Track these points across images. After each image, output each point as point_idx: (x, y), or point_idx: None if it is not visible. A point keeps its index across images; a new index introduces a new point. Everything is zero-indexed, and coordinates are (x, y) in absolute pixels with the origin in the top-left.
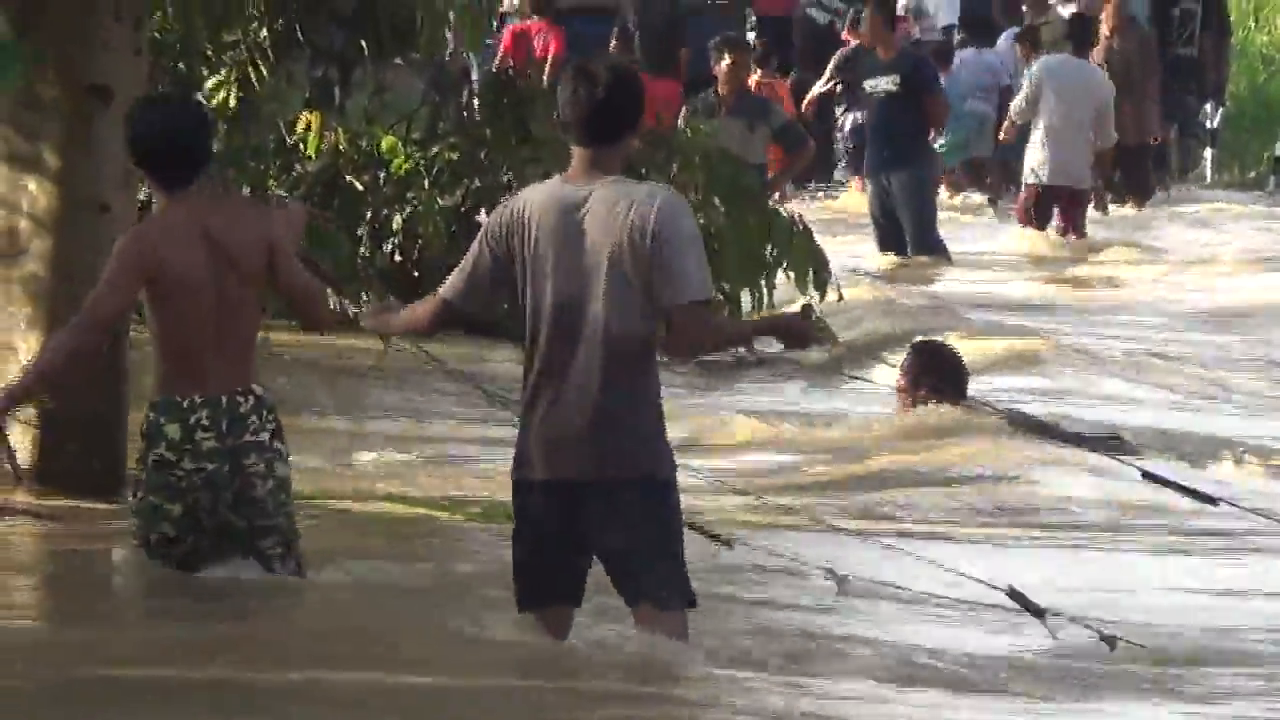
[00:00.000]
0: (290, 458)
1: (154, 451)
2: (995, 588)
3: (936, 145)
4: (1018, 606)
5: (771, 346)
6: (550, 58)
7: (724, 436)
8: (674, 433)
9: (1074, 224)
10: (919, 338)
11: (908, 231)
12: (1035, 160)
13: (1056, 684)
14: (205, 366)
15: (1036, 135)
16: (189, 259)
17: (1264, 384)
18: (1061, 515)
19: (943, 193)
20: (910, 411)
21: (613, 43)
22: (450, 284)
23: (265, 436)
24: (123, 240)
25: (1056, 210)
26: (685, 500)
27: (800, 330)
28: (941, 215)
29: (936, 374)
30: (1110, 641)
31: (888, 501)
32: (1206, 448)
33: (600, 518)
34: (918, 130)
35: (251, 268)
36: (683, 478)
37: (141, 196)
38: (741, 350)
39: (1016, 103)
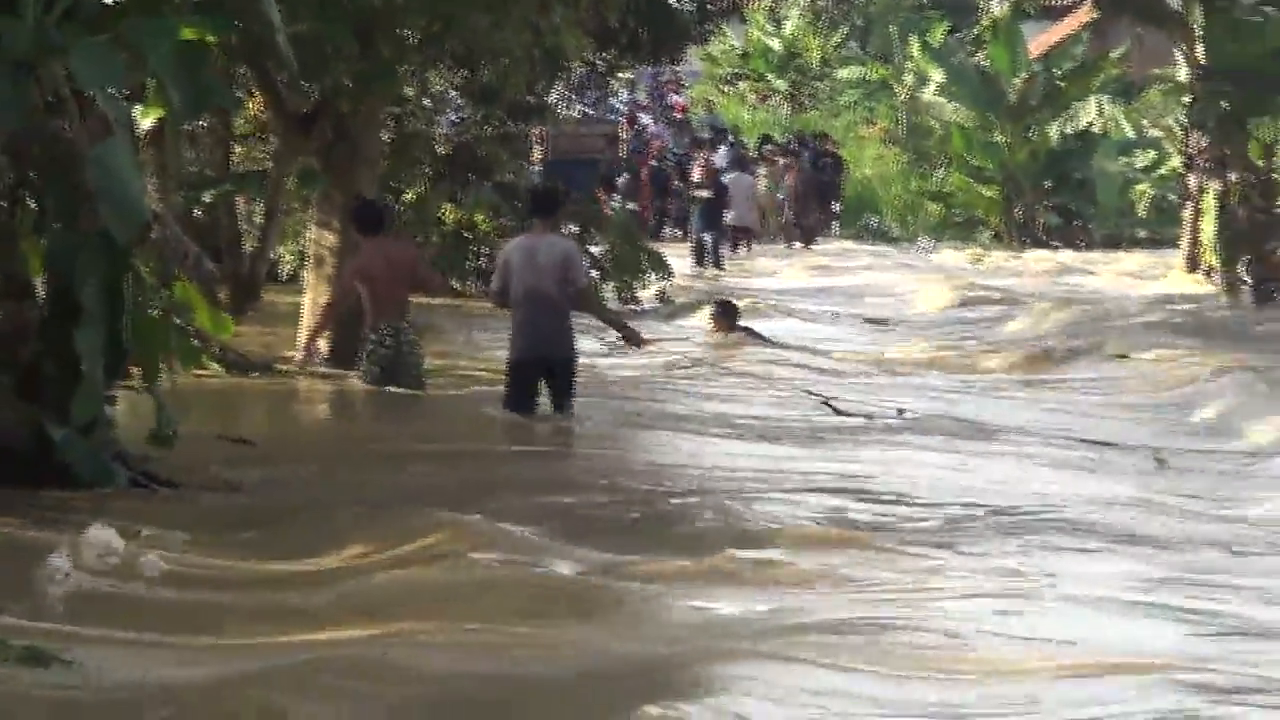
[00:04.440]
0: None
1: (370, 343)
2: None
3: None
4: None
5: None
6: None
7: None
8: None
9: (750, 244)
10: (716, 298)
11: (710, 257)
12: (729, 217)
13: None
14: (387, 311)
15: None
16: (377, 267)
17: (847, 317)
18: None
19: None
20: (718, 335)
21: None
22: (497, 285)
23: (412, 338)
24: (349, 260)
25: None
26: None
27: (632, 340)
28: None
29: (728, 315)
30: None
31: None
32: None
33: (551, 371)
34: (719, 215)
35: (404, 271)
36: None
37: None
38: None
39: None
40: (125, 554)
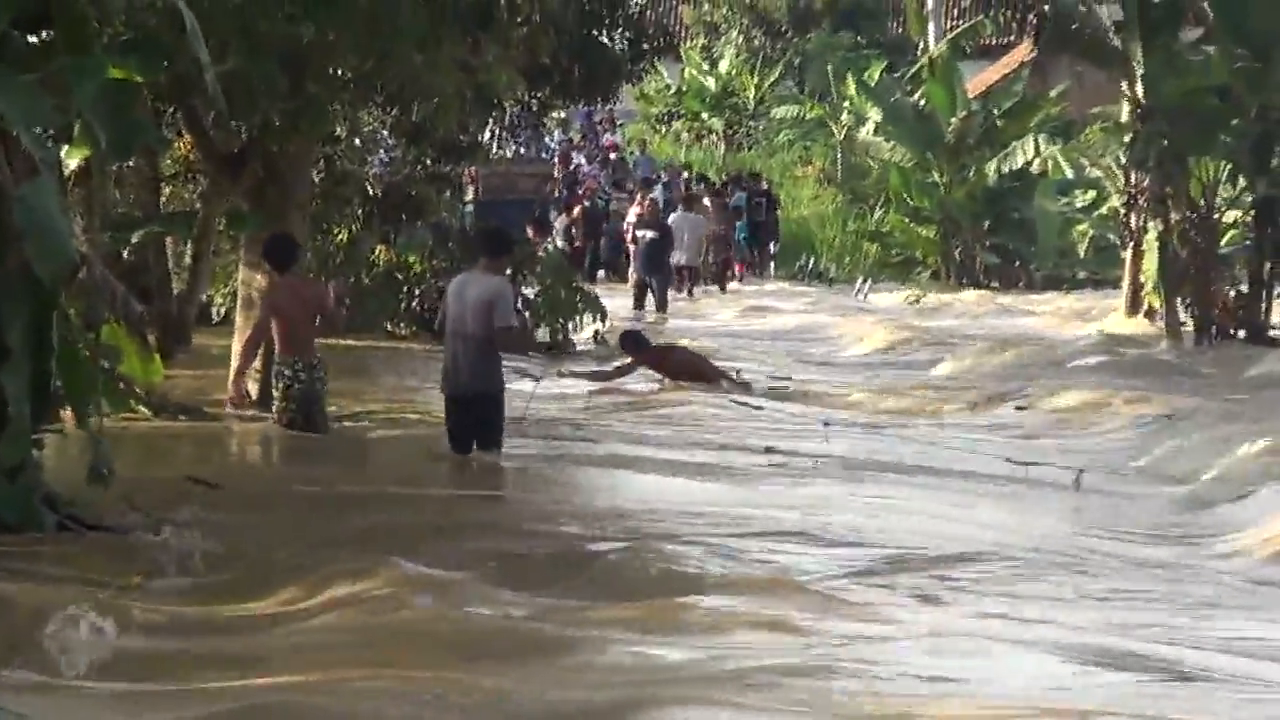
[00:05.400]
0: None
1: (282, 382)
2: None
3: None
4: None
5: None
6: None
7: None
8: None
9: (692, 287)
10: (620, 332)
11: (655, 299)
12: (677, 258)
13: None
14: (297, 346)
15: (679, 246)
16: (289, 304)
17: (783, 358)
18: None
19: None
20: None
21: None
22: (439, 321)
23: (323, 375)
24: (264, 297)
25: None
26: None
27: (535, 347)
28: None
29: (635, 344)
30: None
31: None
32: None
33: (469, 407)
34: (665, 255)
35: (313, 308)
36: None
37: None
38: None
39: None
40: (61, 600)
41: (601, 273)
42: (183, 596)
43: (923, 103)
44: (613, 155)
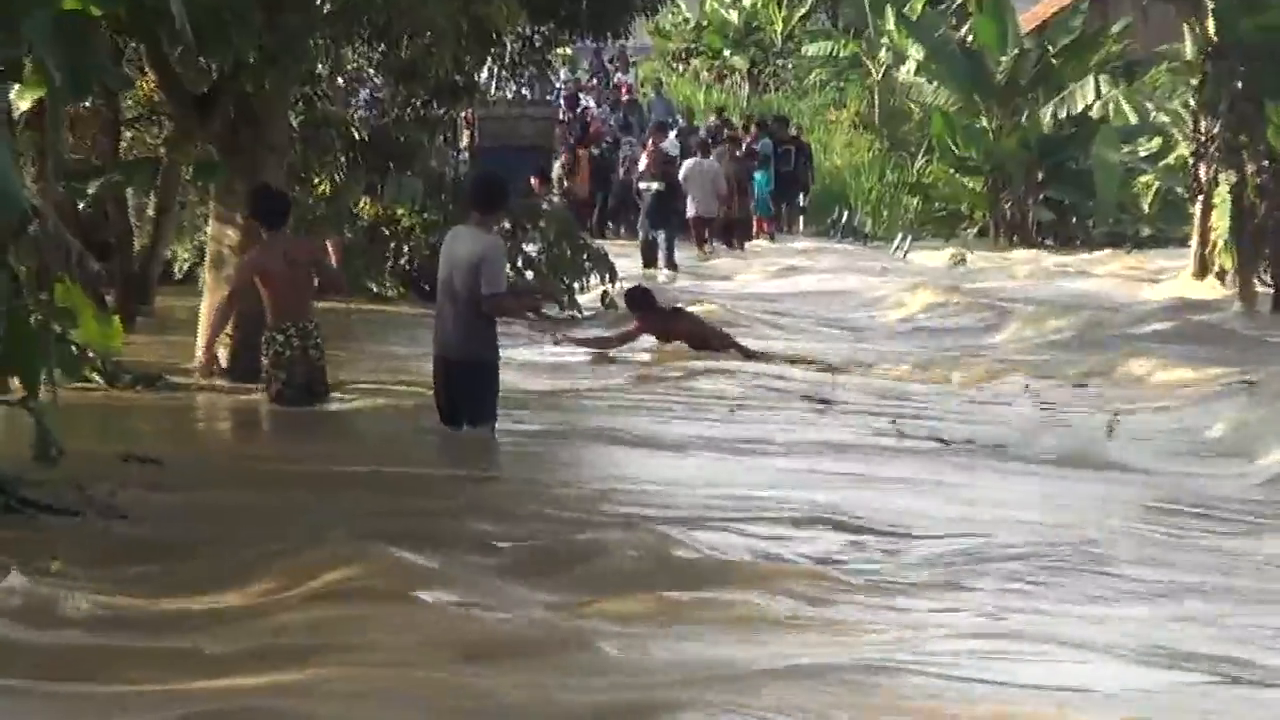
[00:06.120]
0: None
1: (273, 350)
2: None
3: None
4: None
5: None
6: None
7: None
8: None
9: (709, 240)
10: (625, 290)
11: (663, 257)
12: (689, 209)
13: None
14: (291, 310)
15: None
16: (276, 264)
17: (811, 323)
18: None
19: None
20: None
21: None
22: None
23: (319, 341)
24: (245, 255)
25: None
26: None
27: (533, 305)
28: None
29: (641, 303)
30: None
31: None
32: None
33: (457, 378)
34: (671, 209)
35: (305, 267)
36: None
37: None
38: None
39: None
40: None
41: (610, 226)
42: (139, 587)
43: (970, 39)
44: (625, 97)
